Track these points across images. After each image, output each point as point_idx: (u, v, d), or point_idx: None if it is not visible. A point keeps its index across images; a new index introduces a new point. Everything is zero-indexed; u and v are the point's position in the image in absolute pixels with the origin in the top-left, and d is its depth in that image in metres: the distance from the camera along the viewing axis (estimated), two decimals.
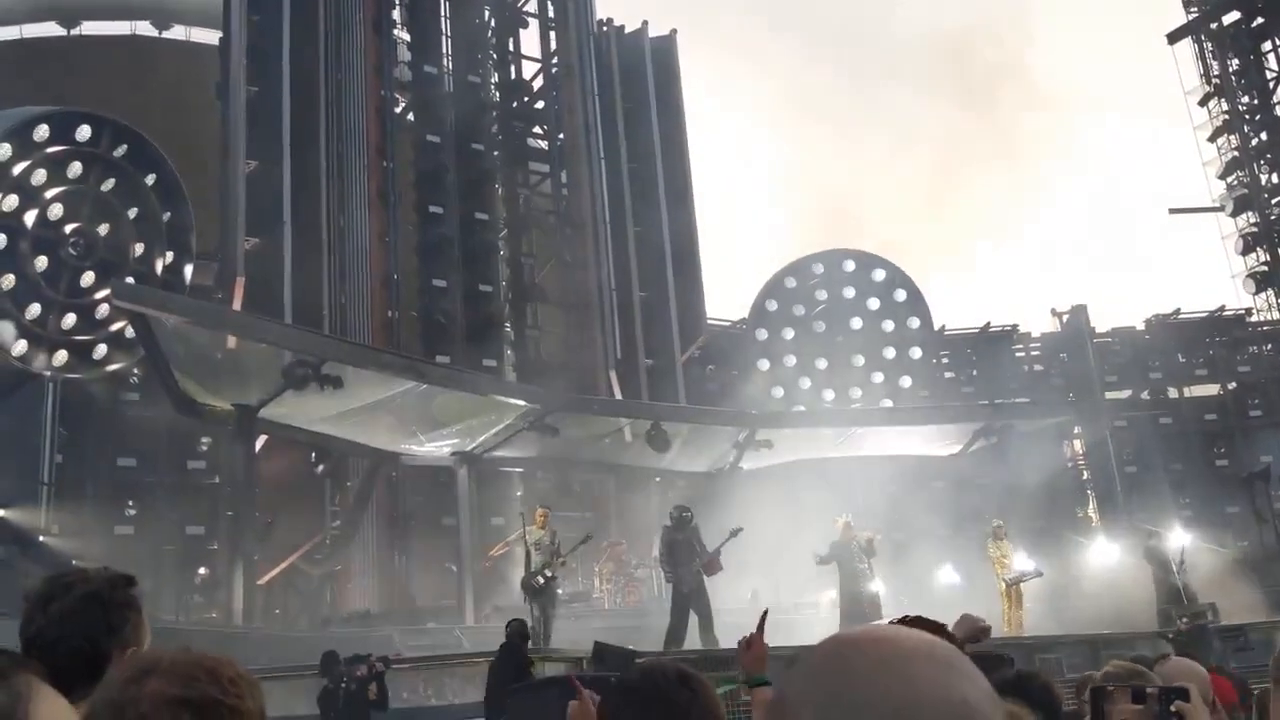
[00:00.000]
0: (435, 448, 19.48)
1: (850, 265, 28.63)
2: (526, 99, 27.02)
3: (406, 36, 24.54)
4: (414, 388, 17.23)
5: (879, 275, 28.53)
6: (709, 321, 27.60)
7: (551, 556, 13.93)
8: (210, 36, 25.24)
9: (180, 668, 1.36)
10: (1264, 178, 27.92)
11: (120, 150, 18.23)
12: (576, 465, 21.81)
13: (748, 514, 16.96)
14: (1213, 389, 28.06)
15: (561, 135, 26.54)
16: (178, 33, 31.12)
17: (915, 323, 28.23)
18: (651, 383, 24.71)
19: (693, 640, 13.38)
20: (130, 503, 18.59)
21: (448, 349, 21.65)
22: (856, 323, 28.22)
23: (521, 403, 18.85)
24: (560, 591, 16.66)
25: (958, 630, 3.60)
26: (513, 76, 26.77)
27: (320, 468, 19.17)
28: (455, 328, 22.30)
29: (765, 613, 3.50)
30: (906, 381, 27.71)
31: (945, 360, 29.06)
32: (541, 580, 13.84)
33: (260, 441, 17.28)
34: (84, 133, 17.83)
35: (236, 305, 18.15)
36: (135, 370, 18.46)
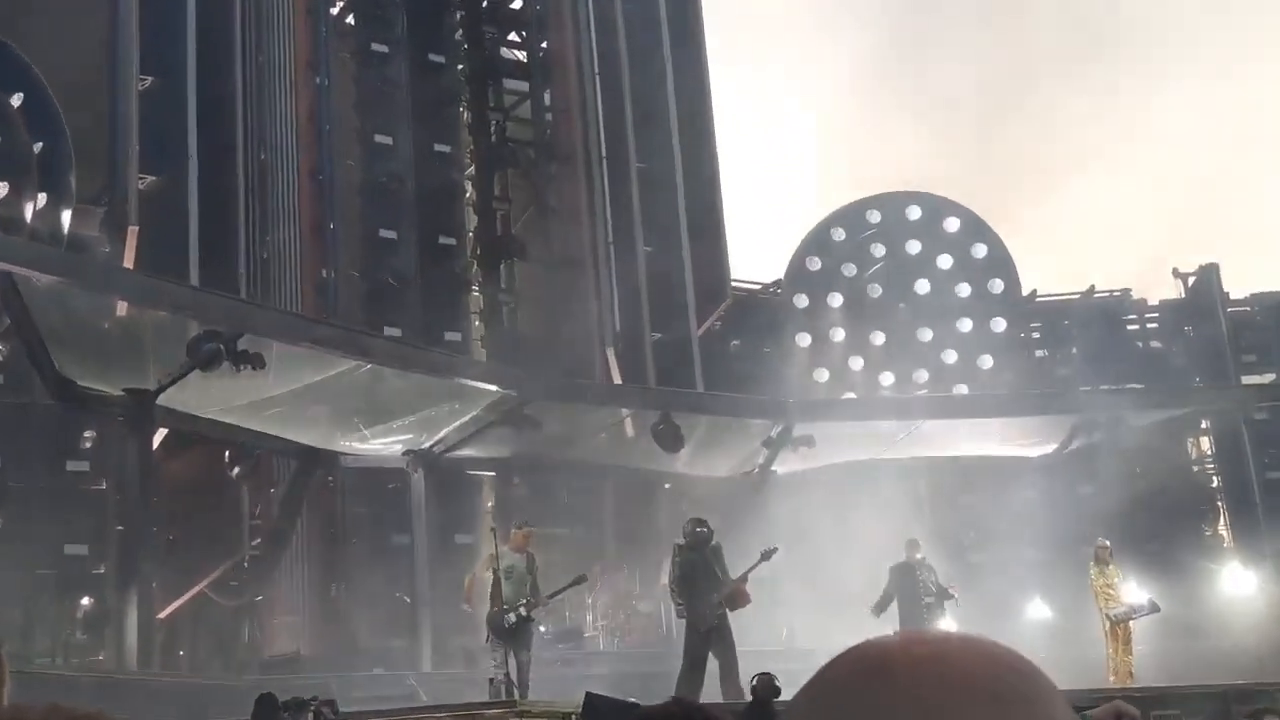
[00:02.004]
0: (383, 445, 19.51)
1: (915, 212, 28.56)
2: None
3: None
4: (356, 368, 17.24)
5: (952, 225, 28.47)
6: (734, 285, 27.57)
7: (529, 589, 13.96)
8: None
9: None
10: None
11: None
12: (563, 468, 21.84)
13: (782, 531, 16.97)
14: None
15: (545, 44, 26.43)
16: None
17: (998, 286, 28.19)
18: (660, 363, 24.71)
19: (711, 691, 13.43)
20: None
21: (399, 319, 21.63)
22: (923, 286, 28.18)
23: (493, 388, 18.87)
24: (542, 629, 16.71)
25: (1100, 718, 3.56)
26: None
27: (236, 470, 19.21)
28: (409, 292, 22.28)
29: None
30: (987, 362, 27.69)
31: (1036, 335, 29.02)
32: (514, 618, 13.88)
33: (159, 437, 17.30)
34: None
35: (128, 262, 18.13)
36: None
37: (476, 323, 24.24)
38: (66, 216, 19.21)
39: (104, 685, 14.01)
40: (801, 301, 28.03)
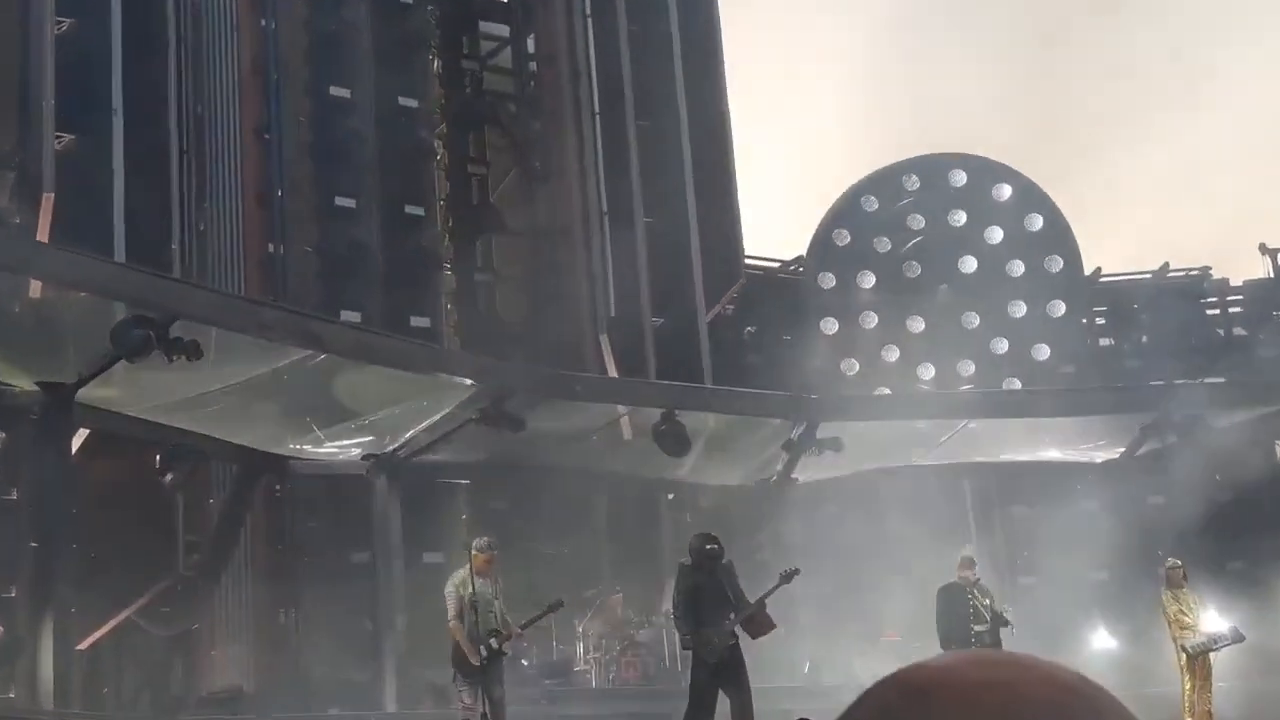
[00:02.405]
0: (340, 448, 19.53)
1: (960, 178, 28.56)
2: None
3: None
4: (308, 359, 17.24)
5: (1003, 193, 28.48)
6: (748, 262, 27.59)
7: (497, 619, 14.02)
8: None
9: None
10: None
11: None
12: (550, 476, 21.81)
13: (804, 548, 17.00)
14: None
15: None
16: None
17: (1057, 264, 28.21)
18: (663, 353, 24.73)
19: None
20: None
21: (359, 301, 21.65)
22: (969, 264, 28.19)
23: (468, 382, 18.88)
24: (525, 662, 16.77)
25: None
26: None
27: (169, 478, 19.15)
28: (369, 270, 22.29)
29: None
30: (1043, 352, 27.73)
31: (1101, 321, 29.05)
32: (484, 651, 13.92)
33: (79, 439, 17.29)
34: None
35: (43, 235, 18.13)
36: None
37: (449, 306, 24.26)
38: None
39: None
40: (827, 281, 28.05)
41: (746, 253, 27.36)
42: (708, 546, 14.25)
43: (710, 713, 13.87)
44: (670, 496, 22.47)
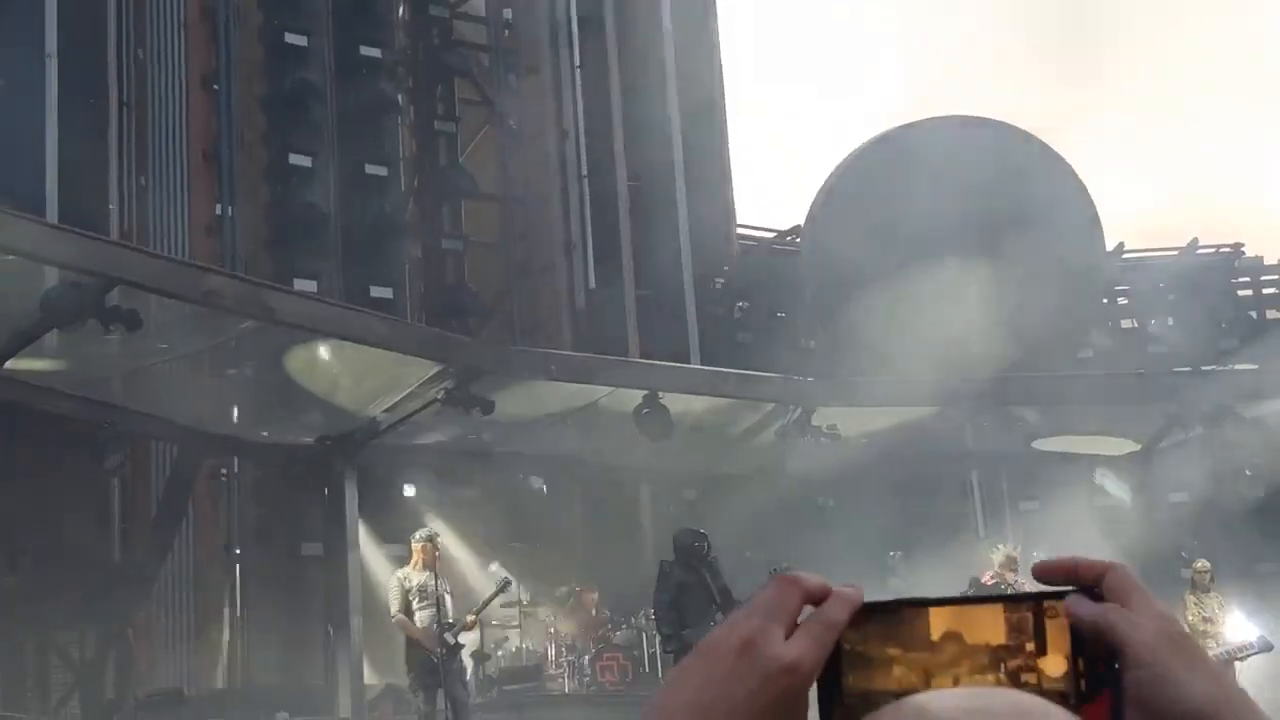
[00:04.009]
0: (291, 430, 19.50)
1: (975, 140, 28.53)
2: None
3: None
4: (258, 331, 17.21)
5: (1019, 159, 28.46)
6: (740, 231, 27.57)
7: (446, 612, 14.18)
8: None
9: None
10: None
11: None
12: (521, 461, 21.86)
13: (798, 543, 17.04)
14: None
15: None
16: None
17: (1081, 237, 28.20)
18: (645, 328, 24.73)
19: None
20: None
21: (313, 268, 21.62)
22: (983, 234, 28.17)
23: (431, 362, 18.85)
24: (494, 654, 16.82)
25: None
26: None
27: (106, 461, 19.05)
28: (326, 233, 22.24)
29: None
30: None
31: (1123, 301, 29.10)
32: (442, 649, 14.02)
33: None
34: None
35: None
36: None
37: (412, 276, 24.22)
38: None
39: None
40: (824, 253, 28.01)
41: (738, 220, 27.35)
42: (695, 543, 14.30)
43: None
44: (650, 485, 22.47)
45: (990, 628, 1.07)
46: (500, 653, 19.92)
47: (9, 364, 16.40)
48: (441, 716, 14.53)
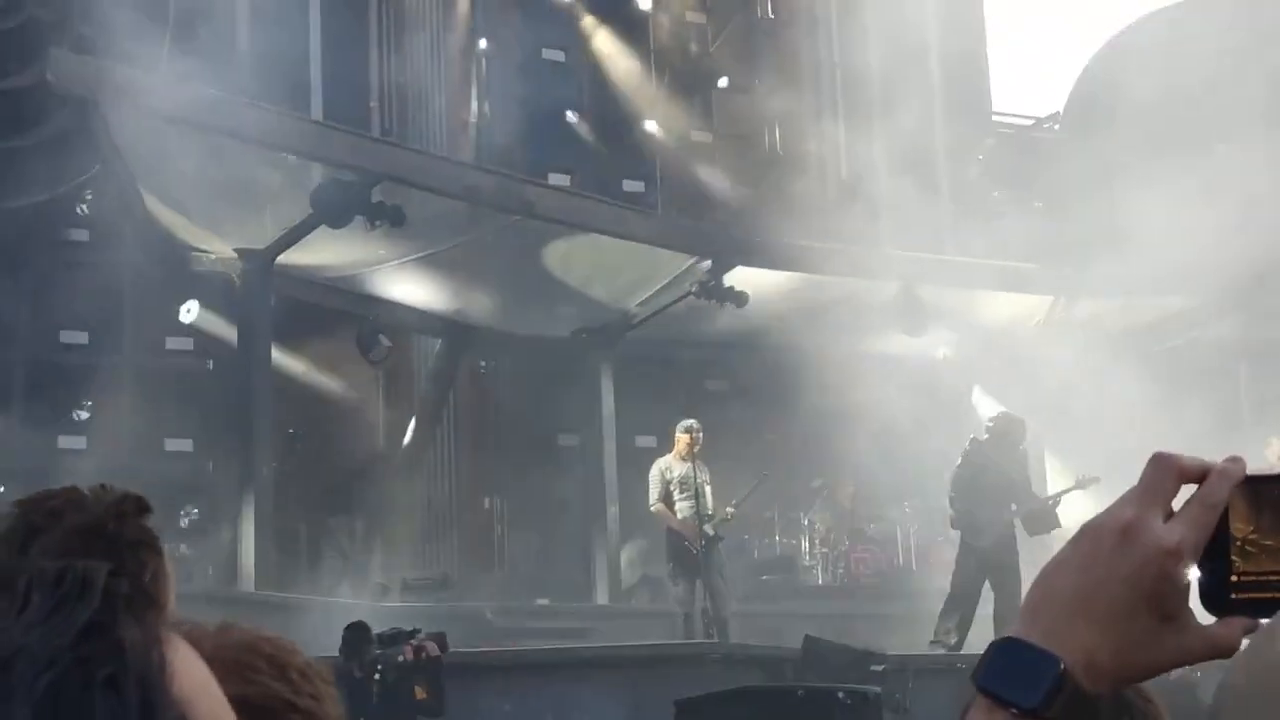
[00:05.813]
0: (548, 322, 19.79)
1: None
2: None
3: None
4: (516, 225, 17.44)
5: None
6: (996, 119, 26.96)
7: (706, 503, 14.31)
8: None
9: (230, 653, 1.47)
10: None
11: None
12: (776, 353, 21.45)
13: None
14: None
15: None
16: None
17: None
18: (899, 219, 24.40)
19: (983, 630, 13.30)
20: (86, 401, 19.39)
21: (567, 162, 21.77)
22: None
23: (685, 255, 18.85)
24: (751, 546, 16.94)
25: None
26: None
27: (372, 354, 19.38)
28: (577, 129, 22.38)
29: None
30: None
31: None
32: (702, 541, 14.17)
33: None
34: None
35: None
36: (85, 195, 18.95)
37: (663, 169, 24.15)
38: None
39: (213, 602, 14.60)
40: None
41: (994, 108, 26.75)
42: (1011, 430, 14.07)
43: (972, 606, 13.67)
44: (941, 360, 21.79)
45: None
46: (755, 545, 20.03)
47: (280, 258, 16.96)
48: (700, 606, 14.71)
